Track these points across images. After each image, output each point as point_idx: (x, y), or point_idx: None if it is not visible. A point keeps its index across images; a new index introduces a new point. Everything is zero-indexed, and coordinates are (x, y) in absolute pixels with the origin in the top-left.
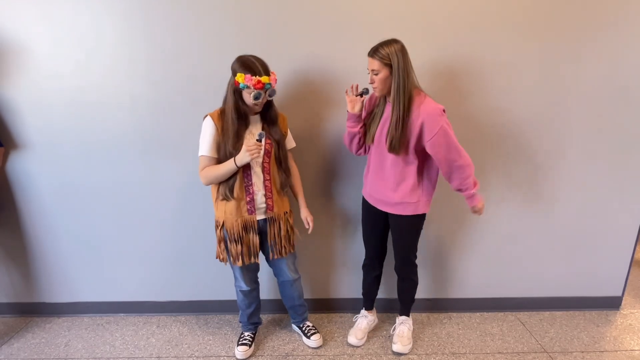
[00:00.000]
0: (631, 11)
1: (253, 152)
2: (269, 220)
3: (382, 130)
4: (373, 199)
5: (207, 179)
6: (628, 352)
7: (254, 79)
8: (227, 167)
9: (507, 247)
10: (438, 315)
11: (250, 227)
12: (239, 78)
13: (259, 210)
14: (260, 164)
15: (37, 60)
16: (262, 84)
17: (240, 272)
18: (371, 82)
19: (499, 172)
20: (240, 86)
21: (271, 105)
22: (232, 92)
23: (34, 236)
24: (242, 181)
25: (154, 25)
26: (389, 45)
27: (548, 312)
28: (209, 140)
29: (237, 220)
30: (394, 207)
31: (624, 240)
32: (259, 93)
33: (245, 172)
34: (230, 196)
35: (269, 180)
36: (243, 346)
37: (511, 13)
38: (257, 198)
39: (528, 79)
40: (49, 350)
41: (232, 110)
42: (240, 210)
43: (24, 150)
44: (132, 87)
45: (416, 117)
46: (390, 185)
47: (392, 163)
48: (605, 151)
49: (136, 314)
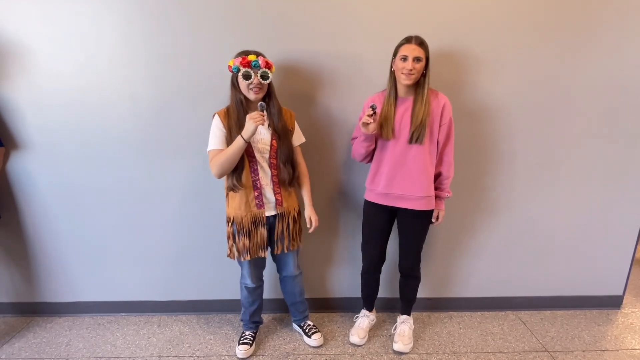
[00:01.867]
0: (632, 10)
1: (257, 119)
2: (278, 216)
3: (400, 123)
4: (390, 197)
5: (217, 166)
6: (629, 351)
7: (241, 58)
8: (235, 144)
9: (508, 246)
10: (439, 315)
11: (259, 221)
12: (230, 62)
13: (268, 206)
14: (267, 160)
15: (38, 61)
16: (248, 61)
17: (248, 269)
18: (411, 69)
19: (499, 170)
20: (233, 70)
21: (272, 97)
22: (232, 85)
23: (34, 236)
24: (249, 174)
25: (154, 25)
26: (424, 39)
27: (549, 311)
28: (217, 135)
29: (247, 215)
30: (416, 202)
31: (624, 239)
32: (247, 71)
33: (252, 167)
34: (238, 185)
35: (276, 175)
36: (244, 345)
37: (510, 11)
38: (266, 193)
39: (528, 78)
40: (50, 350)
41: (234, 104)
42: (249, 205)
43: (24, 150)
44: (133, 87)
45: (437, 105)
46: (416, 178)
47: (416, 155)
48: (606, 150)
49: (137, 313)
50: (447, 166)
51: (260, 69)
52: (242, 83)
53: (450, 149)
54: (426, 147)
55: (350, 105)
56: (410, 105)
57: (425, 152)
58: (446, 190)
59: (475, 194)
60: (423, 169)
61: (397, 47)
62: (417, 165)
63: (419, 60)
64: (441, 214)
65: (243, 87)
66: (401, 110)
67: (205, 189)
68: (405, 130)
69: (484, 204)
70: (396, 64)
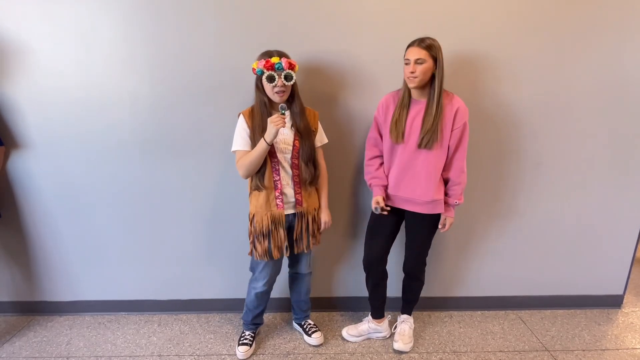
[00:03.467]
0: (633, 10)
1: (277, 122)
2: (297, 215)
3: (410, 127)
4: (397, 199)
5: (244, 167)
6: (629, 350)
7: (264, 61)
8: (259, 147)
9: (508, 245)
10: (439, 314)
11: (278, 221)
12: (254, 65)
13: (287, 205)
14: (289, 160)
15: (38, 59)
16: (272, 64)
17: (264, 271)
18: (412, 71)
19: (499, 170)
20: (257, 73)
21: (295, 97)
22: (256, 87)
23: (35, 235)
24: (270, 174)
25: (154, 24)
26: (434, 40)
27: (549, 311)
28: (242, 135)
29: (267, 214)
30: (422, 206)
31: (625, 239)
32: (271, 74)
33: (274, 167)
34: (261, 185)
35: (297, 175)
36: (244, 346)
37: (511, 11)
38: (287, 192)
39: (529, 78)
40: (51, 349)
41: (258, 105)
42: (269, 204)
43: (25, 149)
44: (133, 86)
45: (450, 110)
46: (423, 183)
47: (424, 160)
48: (606, 150)
49: (137, 312)
50: (456, 172)
51: (283, 70)
52: (266, 86)
53: (462, 154)
54: (435, 152)
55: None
56: (423, 108)
57: (434, 157)
58: (455, 197)
59: (476, 194)
60: (430, 174)
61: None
62: (424, 169)
63: (421, 62)
64: (449, 221)
65: (268, 89)
66: (413, 113)
67: (207, 188)
68: (415, 134)
69: (484, 204)
70: (404, 68)
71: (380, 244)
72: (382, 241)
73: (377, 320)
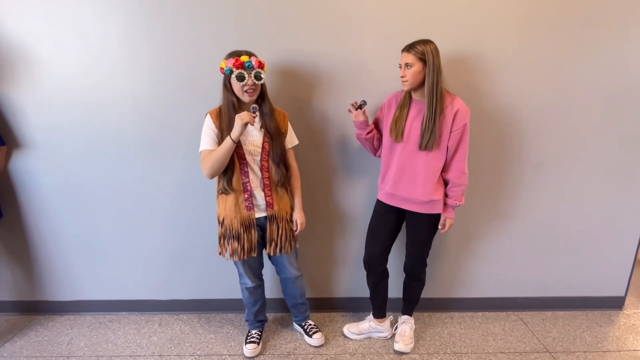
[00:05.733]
0: (633, 10)
1: (244, 118)
2: (269, 218)
3: (410, 127)
4: (397, 198)
5: (207, 166)
6: (631, 352)
7: (233, 60)
8: (224, 145)
9: (509, 247)
10: (440, 315)
11: (249, 223)
12: (222, 64)
13: (258, 208)
14: (258, 162)
15: (41, 61)
16: (241, 62)
17: (243, 269)
18: (402, 76)
19: (500, 171)
20: (225, 72)
21: (265, 98)
22: (224, 87)
23: (36, 235)
24: (239, 176)
25: (157, 25)
26: (424, 44)
27: (550, 312)
28: (209, 135)
29: (236, 217)
30: (420, 206)
31: (627, 241)
32: (240, 73)
33: (243, 169)
34: (228, 189)
35: (267, 178)
36: (252, 344)
37: (513, 11)
38: (256, 195)
39: (530, 78)
40: (52, 348)
41: (226, 105)
42: (239, 206)
43: (26, 149)
44: (135, 87)
45: (450, 111)
46: (420, 183)
47: (422, 160)
48: (608, 150)
49: (138, 312)
50: (456, 173)
51: (253, 69)
52: (235, 85)
53: (462, 156)
54: (434, 153)
55: (345, 107)
56: (423, 109)
57: (432, 158)
58: (455, 198)
59: (476, 195)
60: (429, 174)
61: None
62: (423, 169)
63: (410, 66)
64: (448, 222)
65: (237, 89)
66: (413, 113)
67: (207, 188)
68: (415, 135)
69: (485, 205)
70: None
71: (381, 243)
72: (383, 240)
73: (378, 319)
